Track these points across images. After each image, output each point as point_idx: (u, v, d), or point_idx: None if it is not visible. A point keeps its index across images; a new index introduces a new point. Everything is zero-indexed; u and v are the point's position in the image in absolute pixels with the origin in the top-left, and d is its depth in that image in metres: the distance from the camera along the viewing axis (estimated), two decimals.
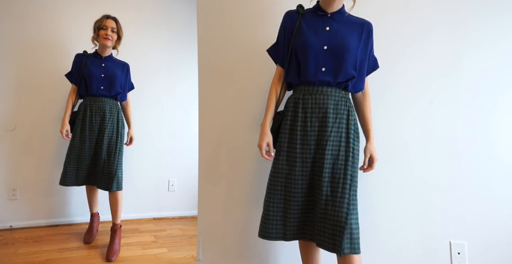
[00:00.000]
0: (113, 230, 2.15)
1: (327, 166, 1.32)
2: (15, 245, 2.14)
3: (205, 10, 1.91)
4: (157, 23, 2.99)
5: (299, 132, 1.37)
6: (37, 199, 2.57)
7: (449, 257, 1.64)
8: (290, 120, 1.39)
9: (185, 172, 3.00)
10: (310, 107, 1.37)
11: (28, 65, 2.59)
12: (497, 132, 1.65)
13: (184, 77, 3.05)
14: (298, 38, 1.39)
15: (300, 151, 1.36)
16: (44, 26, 2.63)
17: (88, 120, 2.19)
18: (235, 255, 1.79)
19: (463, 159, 1.66)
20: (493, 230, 1.62)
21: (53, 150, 2.61)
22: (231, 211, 1.81)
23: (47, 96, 2.60)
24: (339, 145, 1.34)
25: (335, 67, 1.35)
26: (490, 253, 1.62)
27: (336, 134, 1.35)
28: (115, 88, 2.24)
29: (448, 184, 1.66)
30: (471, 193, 1.65)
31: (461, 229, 1.64)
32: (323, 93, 1.37)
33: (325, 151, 1.32)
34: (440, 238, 1.65)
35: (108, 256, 1.98)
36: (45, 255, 1.99)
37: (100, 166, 2.15)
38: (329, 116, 1.35)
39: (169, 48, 3.02)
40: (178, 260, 1.99)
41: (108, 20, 2.19)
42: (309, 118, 1.36)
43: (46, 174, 2.60)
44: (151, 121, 2.92)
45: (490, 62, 1.65)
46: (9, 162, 2.53)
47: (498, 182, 1.63)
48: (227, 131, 1.86)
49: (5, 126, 2.53)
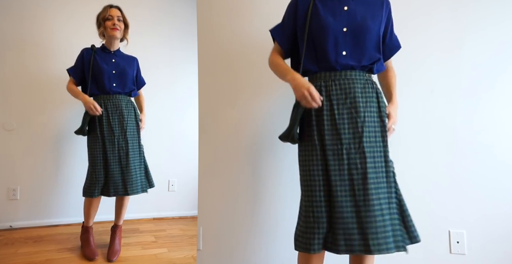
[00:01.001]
0: (114, 230, 2.14)
1: (369, 155, 1.19)
2: (15, 245, 2.14)
3: (205, 6, 1.91)
4: (156, 21, 2.99)
5: (326, 122, 1.23)
6: (37, 199, 2.57)
7: (448, 246, 1.65)
8: (314, 110, 1.25)
9: (185, 172, 3.00)
10: (335, 93, 1.24)
11: (28, 65, 2.58)
12: (498, 121, 1.65)
13: (184, 77, 3.05)
14: (313, 20, 1.28)
15: (330, 142, 1.21)
16: (44, 27, 2.63)
17: (106, 120, 2.04)
18: (235, 244, 1.80)
19: (463, 148, 1.66)
20: (492, 219, 1.63)
21: (53, 150, 2.61)
22: (231, 201, 1.81)
23: (47, 96, 2.60)
24: (375, 132, 1.23)
25: (357, 50, 1.25)
26: (489, 242, 1.63)
27: (370, 120, 1.23)
28: (128, 84, 2.14)
29: (448, 173, 1.67)
30: (470, 182, 1.65)
31: (460, 218, 1.65)
32: (347, 77, 1.25)
33: (362, 140, 1.19)
34: (439, 227, 1.66)
35: (109, 257, 1.96)
36: (45, 255, 1.98)
37: (129, 170, 2.03)
38: (359, 101, 1.22)
39: (169, 46, 3.01)
40: (178, 260, 1.98)
41: (112, 9, 2.09)
42: (335, 106, 1.23)
43: (46, 174, 2.60)
44: (150, 121, 2.90)
45: (491, 47, 1.66)
46: (9, 162, 2.52)
47: (498, 171, 1.64)
48: (227, 131, 1.86)
49: (5, 126, 2.53)
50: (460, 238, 1.64)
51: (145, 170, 2.16)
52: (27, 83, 2.57)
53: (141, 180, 2.11)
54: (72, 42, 2.64)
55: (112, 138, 2.04)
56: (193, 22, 2.72)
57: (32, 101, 2.59)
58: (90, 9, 2.47)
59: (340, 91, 1.24)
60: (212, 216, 1.82)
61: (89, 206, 2.07)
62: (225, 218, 1.81)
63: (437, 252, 1.66)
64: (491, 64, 1.66)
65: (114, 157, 2.03)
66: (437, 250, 1.66)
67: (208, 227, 1.82)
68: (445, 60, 1.69)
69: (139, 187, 2.07)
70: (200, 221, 1.82)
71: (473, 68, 1.67)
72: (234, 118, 1.86)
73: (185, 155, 3.00)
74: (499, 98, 1.65)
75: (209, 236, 1.81)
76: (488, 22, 1.66)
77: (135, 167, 2.07)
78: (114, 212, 2.19)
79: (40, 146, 2.59)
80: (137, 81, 2.28)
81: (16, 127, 2.55)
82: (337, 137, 1.21)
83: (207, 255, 1.81)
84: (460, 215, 1.65)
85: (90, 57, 2.08)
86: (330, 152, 1.21)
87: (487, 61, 1.66)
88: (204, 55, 1.90)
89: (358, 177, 1.18)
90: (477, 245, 1.63)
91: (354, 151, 1.20)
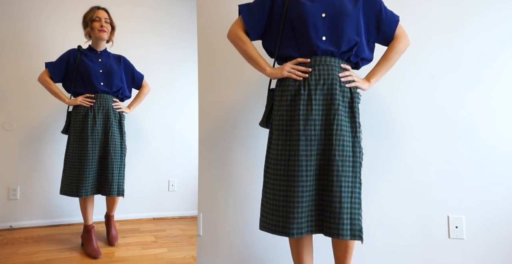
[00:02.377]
0: (108, 218, 2.29)
1: (338, 142, 1.22)
2: (15, 245, 2.14)
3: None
4: (156, 20, 2.98)
5: (302, 107, 1.24)
6: (37, 199, 2.57)
7: (446, 231, 1.66)
8: (290, 95, 1.28)
9: (185, 172, 3.00)
10: (314, 79, 1.26)
11: (28, 65, 2.58)
12: (498, 105, 1.65)
13: (184, 77, 3.05)
14: (292, 7, 1.30)
15: (303, 128, 1.23)
16: (44, 27, 2.63)
17: (90, 119, 2.04)
18: (235, 231, 1.81)
19: (462, 134, 1.67)
20: (491, 204, 1.65)
21: (53, 150, 2.61)
22: (232, 187, 1.83)
23: (47, 96, 2.59)
24: (345, 121, 1.26)
25: (336, 35, 1.27)
26: (488, 227, 1.64)
27: (343, 109, 1.26)
28: (116, 83, 2.14)
29: (447, 159, 1.68)
30: (470, 167, 1.66)
31: (459, 203, 1.67)
32: (326, 63, 1.27)
33: (332, 127, 1.22)
34: (438, 212, 1.68)
35: (112, 242, 2.17)
36: (45, 255, 1.98)
37: (108, 171, 2.05)
38: (336, 88, 1.25)
39: (169, 45, 3.01)
40: (178, 260, 1.98)
41: (100, 11, 2.09)
42: (313, 91, 1.25)
43: (46, 174, 2.60)
44: (151, 121, 2.91)
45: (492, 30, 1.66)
46: (9, 162, 2.53)
47: (497, 158, 1.65)
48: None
49: (5, 126, 2.53)
50: (459, 223, 1.65)
51: (120, 176, 2.13)
52: (27, 83, 2.57)
53: (118, 184, 2.10)
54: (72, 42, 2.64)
55: (93, 136, 2.04)
56: (193, 20, 2.72)
57: (32, 101, 2.59)
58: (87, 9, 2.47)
59: (319, 76, 1.26)
60: (212, 202, 1.84)
61: (86, 205, 2.11)
62: (224, 203, 1.83)
63: (436, 237, 1.68)
64: (491, 48, 1.66)
65: (93, 156, 2.03)
66: (436, 235, 1.68)
67: (208, 214, 1.84)
68: (445, 43, 1.69)
69: (115, 190, 2.07)
70: (200, 206, 1.84)
71: (473, 51, 1.67)
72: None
73: (185, 155, 3.00)
74: (499, 85, 1.65)
75: (208, 222, 1.83)
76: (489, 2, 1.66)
77: (113, 170, 2.06)
78: (106, 205, 2.30)
79: (40, 146, 2.59)
80: (134, 77, 2.29)
81: (16, 127, 2.55)
82: (311, 123, 1.23)
83: (207, 240, 1.82)
84: (459, 201, 1.67)
85: (76, 58, 2.09)
86: (303, 137, 1.23)
87: (487, 43, 1.66)
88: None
89: (324, 162, 1.22)
90: (476, 230, 1.65)
91: (324, 138, 1.23)
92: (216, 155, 1.87)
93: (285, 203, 1.22)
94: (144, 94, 2.34)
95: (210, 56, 1.89)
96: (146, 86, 2.35)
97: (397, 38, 1.38)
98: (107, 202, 2.29)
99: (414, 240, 1.68)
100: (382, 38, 1.39)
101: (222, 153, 1.86)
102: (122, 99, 2.26)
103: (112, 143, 2.08)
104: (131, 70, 2.29)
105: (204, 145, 1.88)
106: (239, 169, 1.84)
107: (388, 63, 1.38)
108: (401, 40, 1.38)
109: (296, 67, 1.28)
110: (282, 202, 1.23)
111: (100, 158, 2.07)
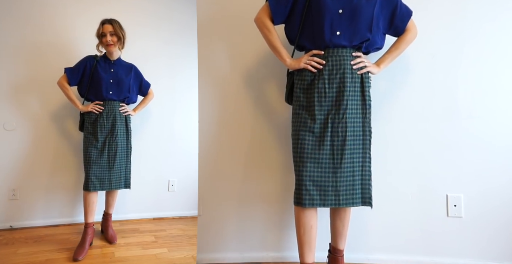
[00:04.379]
0: (106, 218, 2.39)
1: (350, 124, 1.39)
2: (15, 245, 2.14)
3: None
4: (157, 23, 2.99)
5: (317, 94, 1.41)
6: (37, 199, 2.57)
7: (445, 209, 1.68)
8: (307, 84, 1.44)
9: (185, 172, 3.00)
10: (328, 69, 1.41)
11: (29, 65, 2.58)
12: (500, 84, 1.66)
13: (184, 77, 3.05)
14: (313, 1, 1.40)
15: (318, 112, 1.40)
16: (45, 27, 2.63)
17: (100, 123, 2.24)
18: (235, 209, 1.83)
19: (462, 113, 1.69)
20: (489, 183, 1.67)
21: (53, 150, 2.61)
22: (231, 171, 1.85)
23: (47, 96, 2.60)
24: (357, 105, 1.41)
25: (349, 31, 1.38)
26: (486, 205, 1.67)
27: (354, 94, 1.40)
28: (124, 92, 2.33)
29: (447, 138, 1.70)
30: (469, 146, 1.68)
31: (458, 182, 1.70)
32: (339, 54, 1.40)
33: (346, 111, 1.38)
34: (437, 191, 1.71)
35: (112, 240, 2.23)
36: (45, 255, 1.99)
37: (115, 167, 2.26)
38: (347, 77, 1.39)
39: (169, 47, 3.01)
40: (178, 260, 1.98)
41: (105, 25, 2.21)
42: (326, 80, 1.40)
43: (46, 174, 2.60)
44: (151, 121, 2.91)
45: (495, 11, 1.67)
46: (9, 162, 2.53)
47: (497, 135, 1.66)
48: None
49: (5, 126, 2.53)
50: (458, 202, 1.68)
51: (126, 170, 2.37)
52: (27, 83, 2.57)
53: (125, 178, 2.35)
54: (74, 43, 2.65)
55: (104, 139, 2.24)
56: (193, 16, 2.71)
57: (32, 101, 2.59)
58: (92, 12, 2.48)
59: (332, 66, 1.41)
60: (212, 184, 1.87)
61: (89, 202, 2.16)
62: (224, 183, 1.86)
63: (434, 215, 1.71)
64: (493, 24, 1.67)
65: (101, 157, 2.22)
66: (434, 213, 1.71)
67: (208, 194, 1.87)
68: (447, 23, 1.70)
69: (122, 182, 2.32)
70: (200, 187, 1.87)
71: (476, 30, 1.68)
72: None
73: (185, 155, 3.00)
74: (500, 62, 1.66)
75: (208, 202, 1.87)
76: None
77: (120, 165, 2.30)
78: (105, 203, 2.40)
79: (40, 146, 2.59)
80: (141, 86, 2.49)
81: (16, 127, 2.55)
82: (325, 108, 1.40)
83: (207, 219, 1.85)
84: (458, 180, 1.69)
85: (92, 66, 2.26)
86: (318, 120, 1.40)
87: (489, 17, 1.67)
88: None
89: (338, 143, 1.39)
90: (474, 208, 1.68)
91: (337, 121, 1.39)
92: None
93: (299, 177, 1.39)
94: (149, 100, 2.57)
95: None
96: (151, 93, 2.57)
97: (408, 30, 1.49)
98: (108, 200, 2.39)
99: (412, 217, 1.71)
100: (393, 31, 1.50)
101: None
102: (128, 103, 2.42)
103: (119, 143, 2.29)
104: (140, 79, 2.49)
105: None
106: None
107: (397, 51, 1.51)
108: (411, 32, 1.50)
109: (311, 58, 1.42)
110: (297, 176, 1.41)
111: (108, 156, 2.26)
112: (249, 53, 1.85)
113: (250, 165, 1.84)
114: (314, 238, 1.44)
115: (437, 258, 1.69)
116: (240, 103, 1.86)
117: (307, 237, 1.43)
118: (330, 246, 1.59)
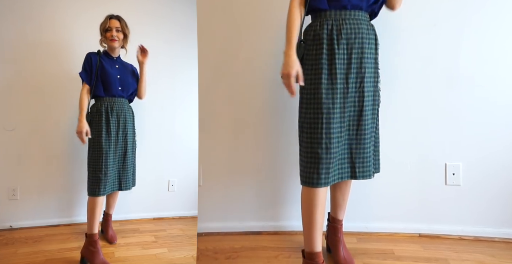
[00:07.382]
0: (108, 217, 2.38)
1: (367, 94, 1.34)
2: (15, 245, 2.14)
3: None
4: (157, 23, 2.98)
5: (338, 61, 1.30)
6: (37, 199, 2.57)
7: (443, 178, 1.69)
8: (326, 48, 1.32)
9: (185, 172, 2.99)
10: (346, 33, 1.31)
11: (29, 65, 2.58)
12: (502, 51, 1.66)
13: (184, 77, 3.04)
14: None
15: (340, 81, 1.31)
16: (45, 26, 2.63)
17: (112, 121, 2.18)
18: (234, 181, 1.88)
19: (464, 82, 1.69)
20: (488, 152, 1.68)
21: (54, 150, 2.61)
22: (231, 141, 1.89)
23: (48, 96, 2.60)
24: (372, 73, 1.37)
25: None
26: (484, 173, 1.69)
27: (370, 61, 1.36)
28: (130, 90, 2.30)
29: (447, 107, 1.71)
30: (468, 115, 1.69)
31: (457, 150, 1.71)
32: (356, 17, 1.33)
33: (364, 80, 1.33)
34: (436, 160, 1.73)
35: (112, 240, 2.23)
36: (45, 255, 1.98)
37: (128, 167, 2.26)
38: (365, 42, 1.34)
39: (169, 47, 3.00)
40: (178, 260, 1.98)
41: (112, 20, 2.19)
42: (345, 45, 1.31)
43: (46, 174, 2.59)
44: (150, 121, 2.91)
45: None
46: (9, 162, 2.52)
47: (497, 104, 1.66)
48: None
49: (5, 126, 2.53)
50: (456, 170, 1.69)
51: (134, 170, 2.39)
52: (27, 83, 2.57)
53: (133, 177, 2.38)
54: (75, 43, 2.64)
55: (117, 136, 2.19)
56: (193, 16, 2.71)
57: (33, 101, 2.58)
58: (95, 11, 2.47)
59: (350, 30, 1.32)
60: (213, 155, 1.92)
61: (94, 208, 1.98)
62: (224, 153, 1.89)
63: (432, 183, 1.72)
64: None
65: (114, 156, 2.15)
66: (433, 182, 1.73)
67: (207, 164, 1.93)
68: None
69: (130, 182, 2.32)
70: (200, 158, 1.94)
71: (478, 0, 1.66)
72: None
73: (185, 155, 2.99)
74: (502, 30, 1.65)
75: (208, 173, 1.90)
76: None
77: (130, 165, 2.30)
78: (106, 204, 2.37)
79: (40, 146, 2.59)
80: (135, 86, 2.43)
81: (16, 127, 2.55)
82: (346, 76, 1.32)
83: (207, 189, 1.89)
84: (457, 148, 1.71)
85: (97, 61, 2.21)
86: (338, 90, 1.31)
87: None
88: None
89: (355, 113, 1.35)
90: (472, 176, 1.70)
91: (355, 90, 1.34)
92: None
93: (314, 154, 1.29)
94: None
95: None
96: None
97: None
98: (109, 200, 2.38)
99: (411, 186, 1.73)
100: None
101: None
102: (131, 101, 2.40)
103: (129, 143, 2.27)
104: (138, 81, 2.44)
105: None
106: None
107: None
108: None
109: (292, 84, 1.31)
110: (311, 154, 1.31)
111: (124, 157, 2.24)
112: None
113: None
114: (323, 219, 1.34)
115: (434, 225, 1.71)
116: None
117: (320, 220, 1.31)
118: (329, 216, 1.57)
